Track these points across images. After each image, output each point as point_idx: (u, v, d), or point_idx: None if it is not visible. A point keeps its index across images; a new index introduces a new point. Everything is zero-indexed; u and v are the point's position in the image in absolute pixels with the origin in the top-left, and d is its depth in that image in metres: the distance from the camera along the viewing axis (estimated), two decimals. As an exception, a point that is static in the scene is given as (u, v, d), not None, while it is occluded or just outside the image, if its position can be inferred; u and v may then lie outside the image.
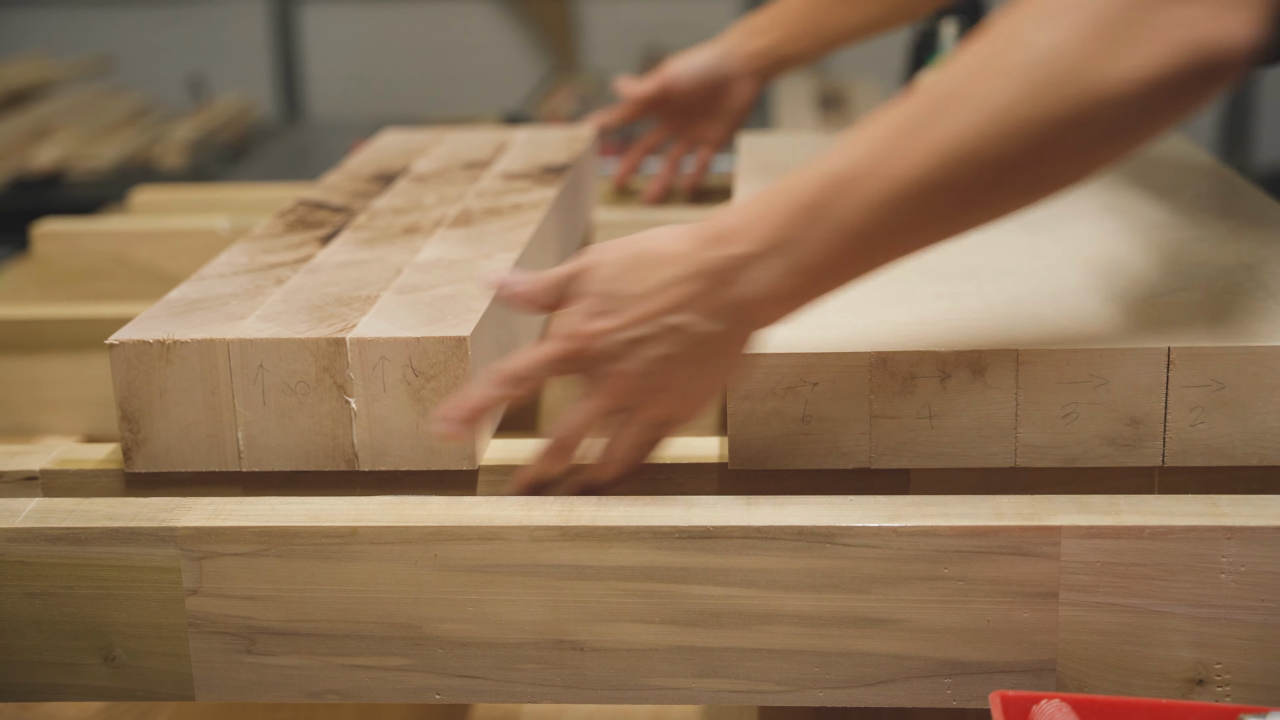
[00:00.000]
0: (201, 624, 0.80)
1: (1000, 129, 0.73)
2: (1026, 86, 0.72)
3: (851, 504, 0.79)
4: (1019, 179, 0.74)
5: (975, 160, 0.73)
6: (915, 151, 0.74)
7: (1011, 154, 0.73)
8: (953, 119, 0.73)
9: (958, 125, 0.73)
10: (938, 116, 0.74)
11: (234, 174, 2.64)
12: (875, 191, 0.74)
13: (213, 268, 1.00)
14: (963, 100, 0.73)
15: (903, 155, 0.74)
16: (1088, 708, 0.72)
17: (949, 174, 0.74)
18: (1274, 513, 0.76)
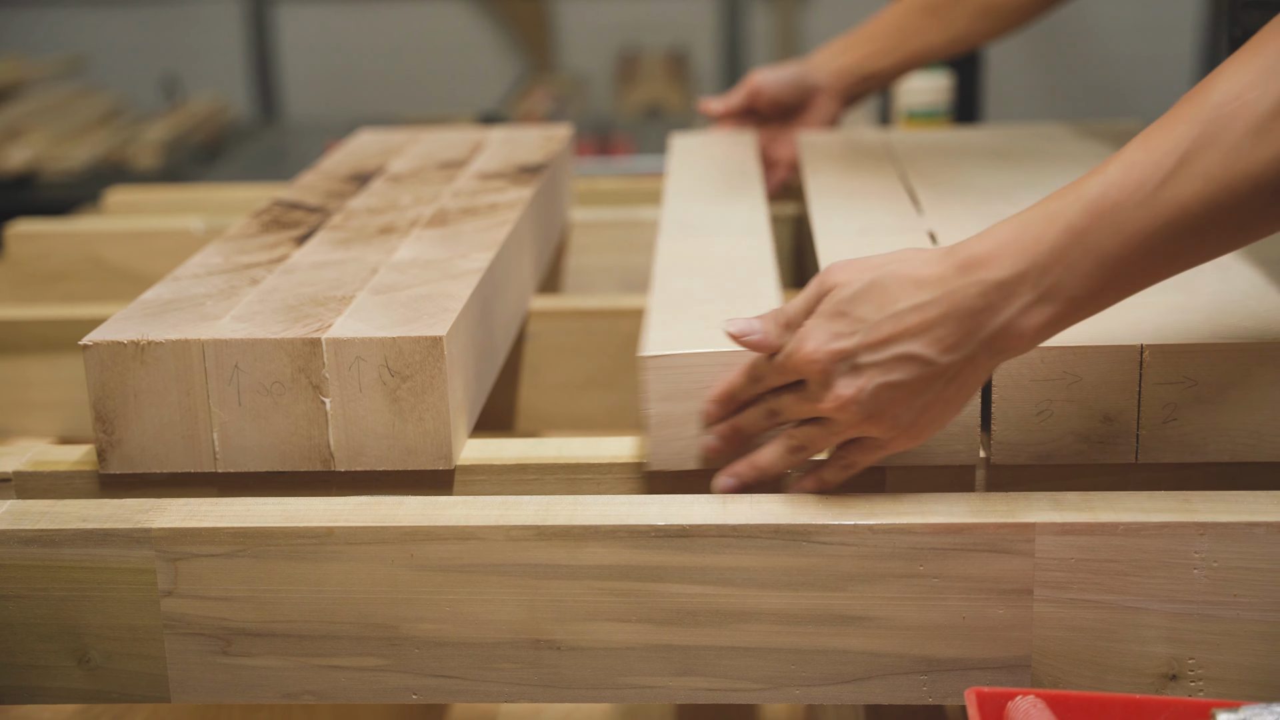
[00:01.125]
0: (177, 625, 0.80)
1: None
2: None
3: (827, 502, 0.79)
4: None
5: (1259, 188, 0.71)
6: (1194, 179, 0.71)
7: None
8: (1240, 146, 0.70)
9: (1245, 153, 0.70)
10: (1220, 141, 0.71)
11: (208, 174, 2.63)
12: (1145, 222, 0.72)
13: (187, 268, 1.00)
14: (1250, 126, 0.70)
15: (1179, 183, 0.71)
16: (1062, 704, 0.72)
17: (1230, 202, 0.71)
18: (1246, 509, 0.76)
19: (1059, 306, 0.74)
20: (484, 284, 0.95)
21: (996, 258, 0.73)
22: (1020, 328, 0.74)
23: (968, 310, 0.74)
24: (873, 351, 0.75)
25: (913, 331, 0.74)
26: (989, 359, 0.76)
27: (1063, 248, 0.73)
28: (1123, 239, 0.72)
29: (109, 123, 2.90)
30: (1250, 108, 0.70)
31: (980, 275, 0.74)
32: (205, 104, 3.07)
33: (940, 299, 0.74)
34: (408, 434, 0.85)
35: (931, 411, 0.77)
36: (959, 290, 0.74)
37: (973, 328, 0.74)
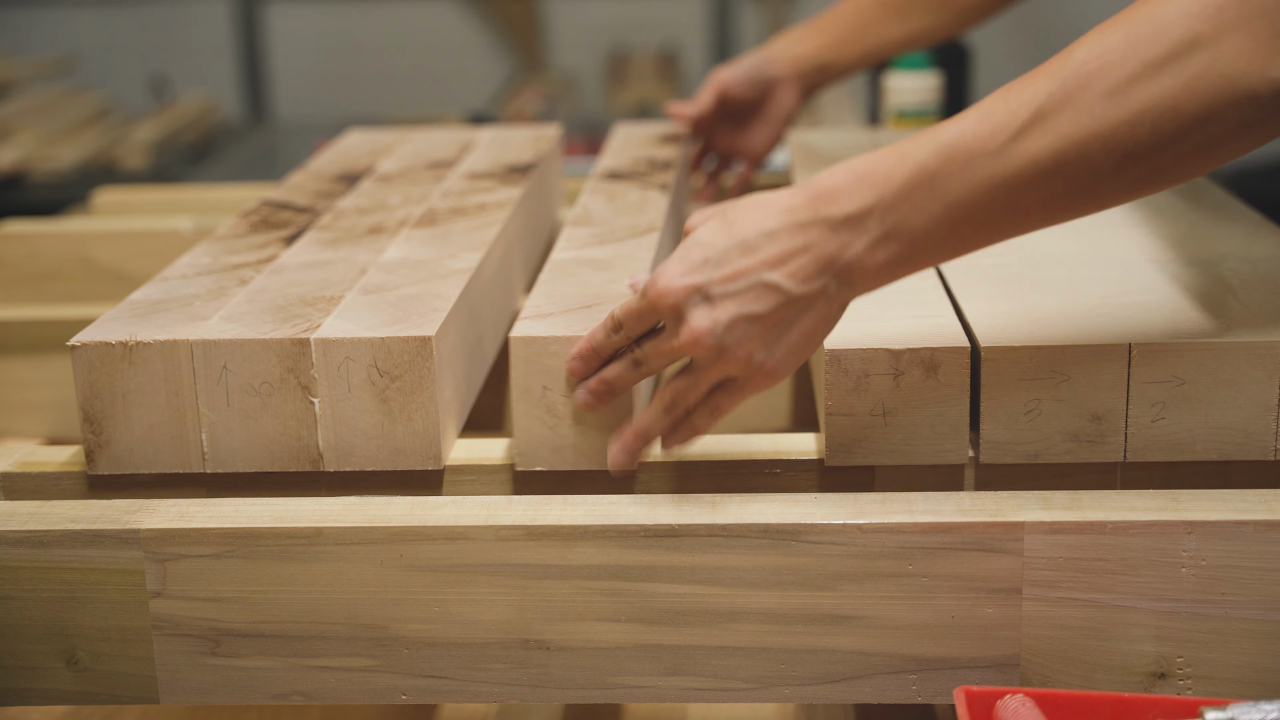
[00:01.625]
0: (165, 626, 0.80)
1: (1145, 120, 0.70)
2: (1183, 81, 0.70)
3: (816, 501, 0.79)
4: (1146, 167, 0.72)
5: (1108, 149, 0.71)
6: (1045, 133, 0.71)
7: (1144, 143, 0.71)
8: (1094, 107, 0.70)
9: (1098, 113, 0.70)
10: (1066, 97, 0.71)
11: (198, 174, 2.63)
12: (995, 170, 0.72)
13: (176, 268, 0.99)
14: (1106, 87, 0.71)
15: (1031, 136, 0.71)
16: (1051, 702, 0.72)
17: (1077, 160, 0.71)
18: (1234, 507, 0.77)
19: (904, 246, 0.74)
20: (473, 284, 0.95)
21: (846, 192, 0.74)
22: (866, 263, 0.74)
23: (817, 241, 0.74)
24: (726, 283, 0.75)
25: (767, 262, 0.75)
26: (839, 291, 0.76)
27: (911, 187, 0.73)
28: (971, 185, 0.72)
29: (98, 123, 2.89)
30: (1109, 69, 0.71)
31: (830, 209, 0.74)
32: (195, 104, 3.06)
33: (790, 228, 0.75)
34: (397, 434, 0.85)
35: (788, 345, 0.76)
36: (809, 222, 0.74)
37: (823, 259, 0.74)
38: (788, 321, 0.76)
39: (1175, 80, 0.70)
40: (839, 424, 0.84)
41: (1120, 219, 1.09)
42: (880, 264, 0.74)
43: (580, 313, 0.87)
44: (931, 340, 0.84)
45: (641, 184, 1.17)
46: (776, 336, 0.76)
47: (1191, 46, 0.70)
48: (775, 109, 1.40)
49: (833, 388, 0.84)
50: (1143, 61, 0.70)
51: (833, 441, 0.84)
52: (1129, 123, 0.70)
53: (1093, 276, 0.95)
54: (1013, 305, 0.90)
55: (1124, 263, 0.98)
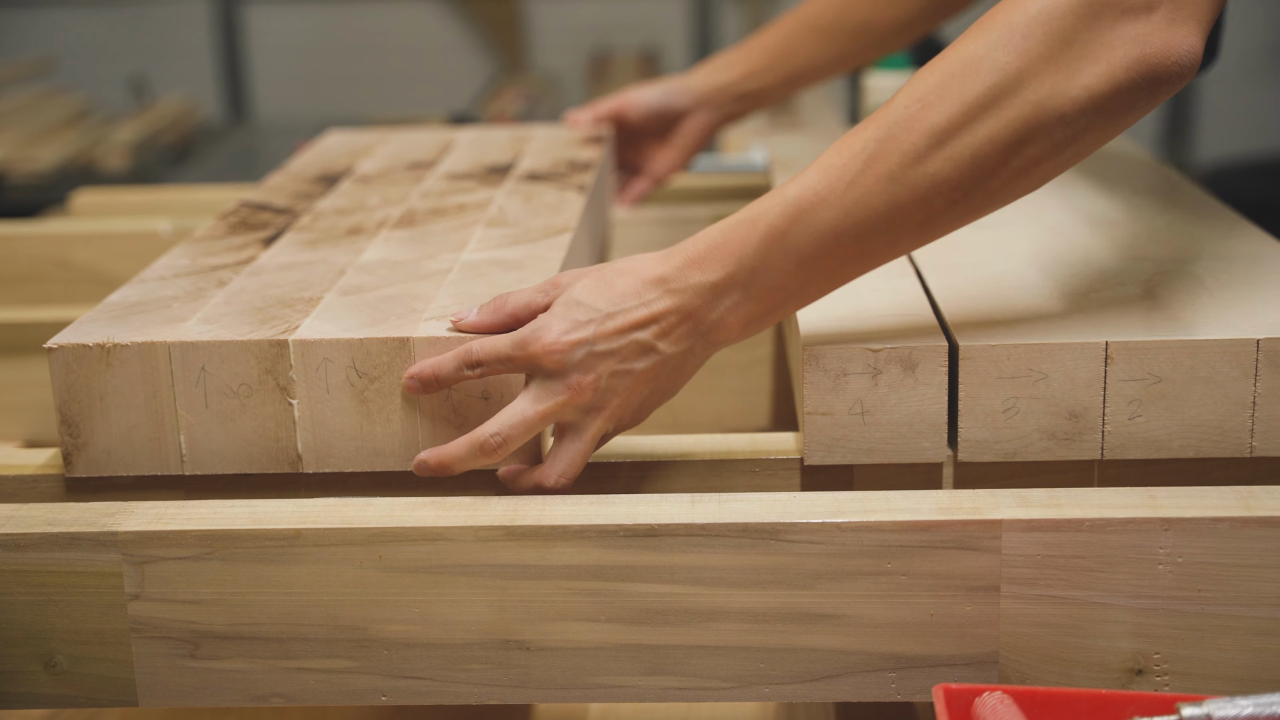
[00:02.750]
0: (144, 629, 0.79)
1: (960, 153, 0.76)
2: (995, 114, 0.75)
3: (795, 500, 0.79)
4: (975, 197, 0.78)
5: (937, 188, 0.77)
6: (878, 180, 0.77)
7: (969, 176, 0.77)
8: (919, 149, 0.76)
9: (924, 155, 0.76)
10: (894, 143, 0.76)
11: (178, 175, 2.62)
12: (838, 220, 0.78)
13: (154, 270, 0.99)
14: (920, 128, 0.76)
15: (865, 184, 0.77)
16: (1029, 699, 0.72)
17: (911, 202, 0.77)
18: (1210, 504, 0.77)
19: (762, 303, 0.80)
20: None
21: (709, 260, 0.80)
22: (728, 322, 0.81)
23: (687, 308, 0.80)
24: (607, 340, 0.80)
25: (642, 322, 0.80)
26: (704, 350, 0.82)
27: (765, 250, 0.79)
28: (819, 238, 0.78)
29: (77, 124, 2.88)
30: (928, 109, 0.76)
31: (695, 277, 0.80)
32: (174, 105, 3.05)
33: (664, 294, 0.80)
34: (376, 435, 0.85)
35: (653, 399, 0.83)
36: (678, 290, 0.80)
37: (690, 321, 0.81)
38: (657, 378, 0.82)
39: (990, 115, 0.76)
40: (818, 423, 0.84)
41: (1097, 218, 1.09)
42: (741, 322, 0.81)
43: None
44: (909, 339, 0.84)
45: (560, 185, 1.17)
46: (648, 392, 0.82)
47: (1000, 80, 0.76)
48: (681, 137, 1.41)
49: (811, 387, 0.84)
50: (960, 101, 0.76)
51: (812, 440, 0.85)
52: (953, 160, 0.76)
53: (1070, 275, 0.95)
54: (990, 304, 0.90)
55: (1101, 261, 0.98)
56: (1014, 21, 0.76)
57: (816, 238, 0.78)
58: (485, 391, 0.84)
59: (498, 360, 0.82)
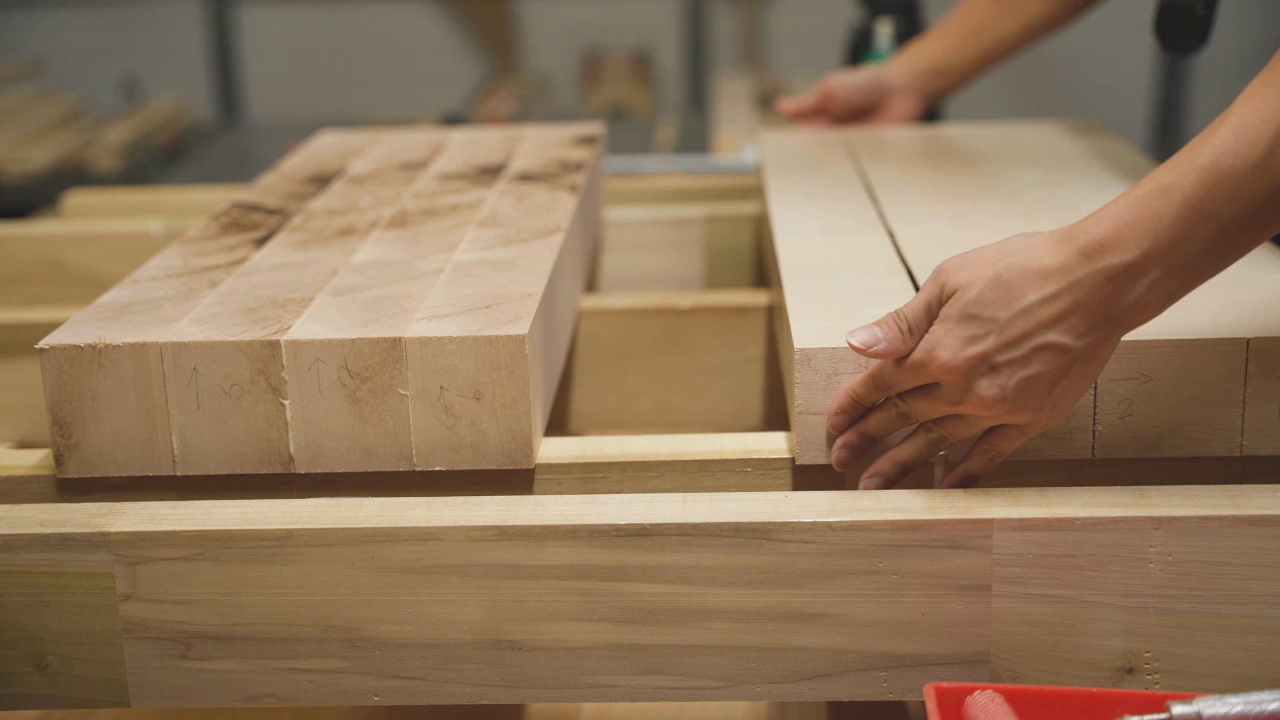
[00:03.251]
0: (136, 629, 0.79)
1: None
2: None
3: (787, 500, 0.79)
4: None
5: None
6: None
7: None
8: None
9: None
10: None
11: (169, 176, 2.61)
12: (1262, 184, 0.72)
13: (145, 271, 0.99)
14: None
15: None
16: (1020, 698, 0.73)
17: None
18: (1200, 503, 0.77)
19: (1182, 277, 0.74)
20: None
21: (1119, 241, 0.74)
22: (1149, 301, 0.75)
23: (1097, 297, 0.74)
24: (1009, 350, 0.76)
25: (1046, 324, 0.75)
26: (1119, 333, 0.77)
27: (1184, 220, 0.73)
28: (1242, 203, 0.73)
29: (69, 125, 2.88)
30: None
31: (1106, 261, 0.74)
32: (166, 106, 3.05)
33: (1068, 288, 0.74)
34: (368, 435, 0.85)
35: (1071, 390, 0.77)
36: (1086, 278, 0.74)
37: (1104, 311, 0.75)
38: (1068, 371, 0.77)
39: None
40: (809, 423, 0.84)
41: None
42: (1161, 299, 0.75)
43: (478, 313, 0.87)
44: None
45: (552, 186, 1.17)
46: (1063, 386, 0.77)
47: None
48: (891, 115, 1.46)
49: (803, 387, 0.84)
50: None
51: (804, 440, 0.85)
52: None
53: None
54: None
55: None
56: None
57: (1241, 202, 0.72)
58: (477, 391, 0.84)
59: (899, 378, 0.80)
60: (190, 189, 1.71)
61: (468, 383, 0.84)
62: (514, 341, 0.84)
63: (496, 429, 0.85)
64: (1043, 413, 0.78)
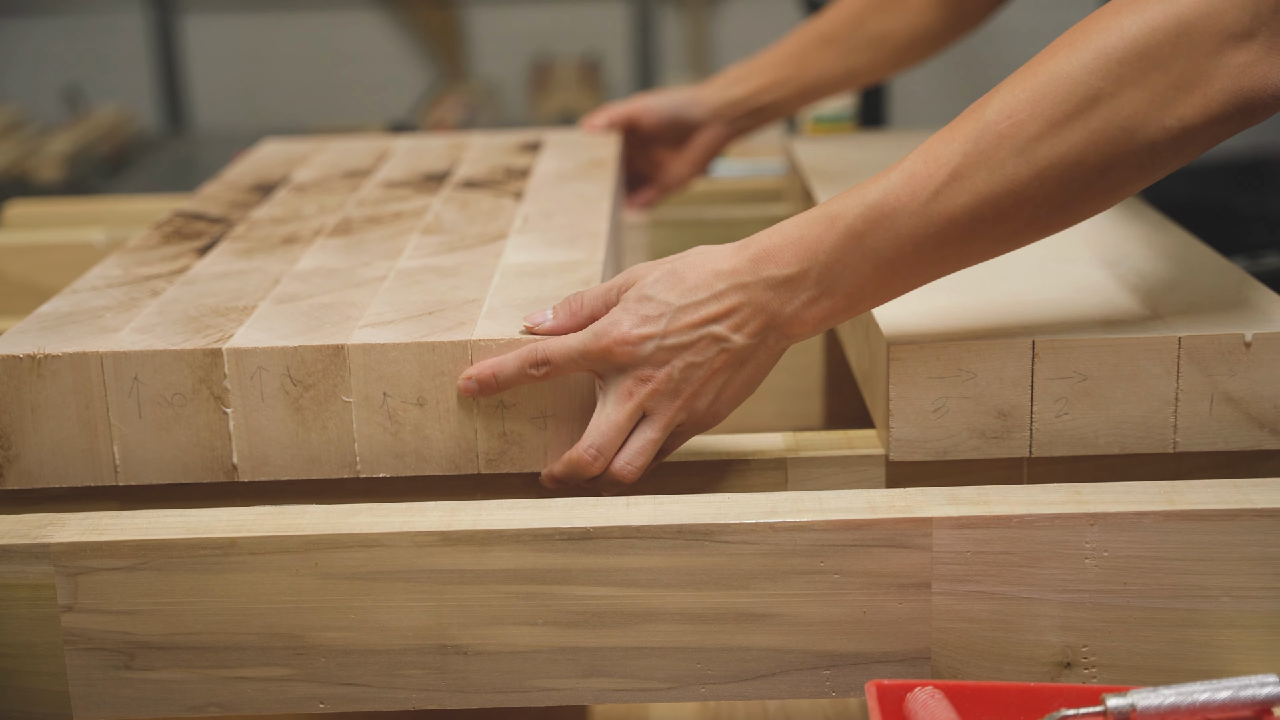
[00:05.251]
0: (78, 640, 0.79)
1: (1047, 173, 0.76)
2: (1086, 137, 0.75)
3: (729, 501, 0.80)
4: (1056, 215, 0.78)
5: (1019, 204, 0.77)
6: (962, 193, 0.77)
7: (1054, 195, 0.77)
8: (1005, 166, 0.76)
9: (1009, 172, 0.76)
10: (980, 158, 0.77)
11: (113, 186, 2.60)
12: (918, 228, 0.78)
13: (86, 281, 0.99)
14: (1015, 146, 0.76)
15: (949, 196, 0.77)
16: (960, 694, 0.74)
17: (993, 216, 0.77)
18: (1134, 499, 0.78)
19: (836, 300, 0.81)
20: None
21: (783, 254, 0.80)
22: (804, 317, 0.81)
23: (762, 302, 0.80)
24: (678, 335, 0.80)
25: (714, 316, 0.80)
26: (777, 343, 0.82)
27: (842, 248, 0.79)
28: (897, 243, 0.78)
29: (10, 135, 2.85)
30: (1019, 128, 0.76)
31: (769, 270, 0.80)
32: (110, 115, 3.02)
33: (735, 288, 0.80)
34: (311, 442, 0.85)
35: (729, 393, 0.83)
36: (751, 283, 0.80)
37: (764, 315, 0.81)
38: (731, 371, 0.82)
39: (1079, 136, 0.75)
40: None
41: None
42: (816, 318, 0.81)
43: (421, 319, 0.87)
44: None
45: (496, 192, 1.17)
46: (722, 384, 0.82)
47: (1093, 103, 0.75)
48: (694, 148, 1.41)
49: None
50: (1049, 120, 0.76)
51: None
52: (1038, 178, 0.76)
53: (997, 276, 0.97)
54: (920, 305, 0.91)
55: (1028, 262, 1.00)
56: (1109, 46, 0.75)
57: (895, 243, 0.78)
58: (420, 398, 0.84)
59: (568, 358, 0.82)
60: (133, 199, 1.70)
61: (411, 389, 0.84)
62: (457, 347, 0.84)
63: (440, 434, 0.85)
64: (699, 412, 0.82)
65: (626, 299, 0.82)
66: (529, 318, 0.86)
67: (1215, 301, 0.90)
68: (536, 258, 1.00)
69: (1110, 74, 0.75)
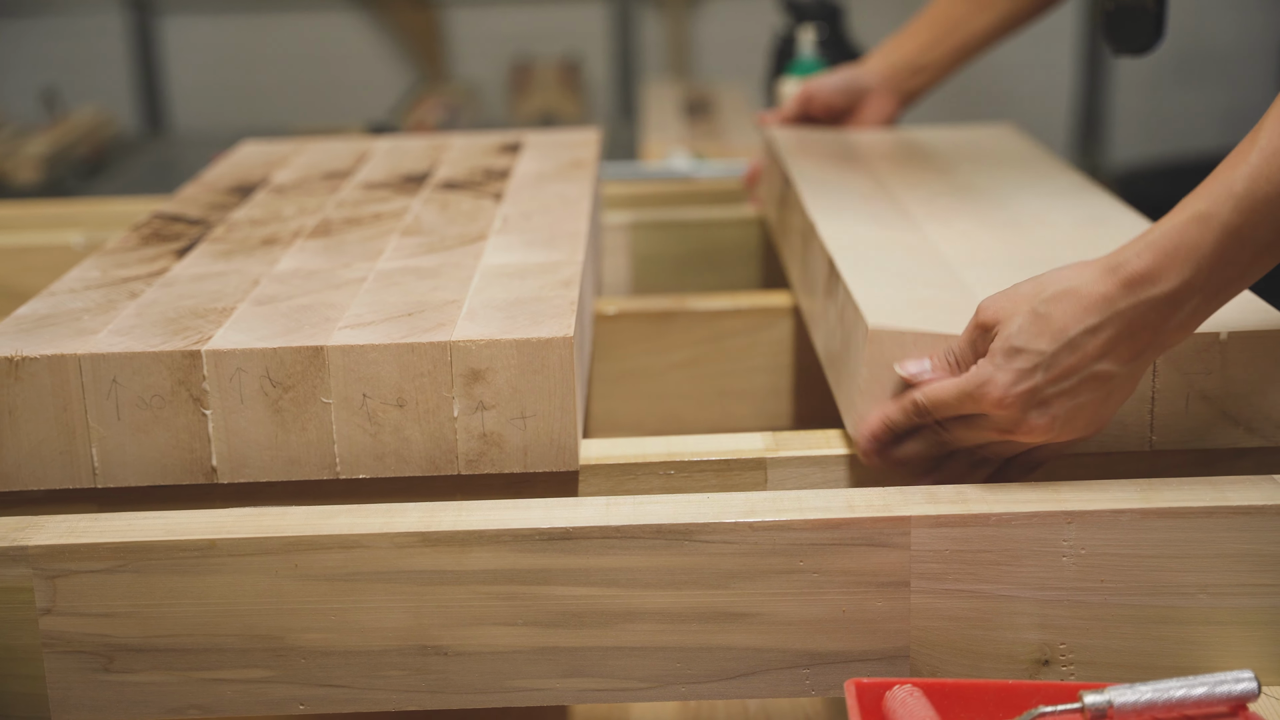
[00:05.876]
0: (56, 643, 0.79)
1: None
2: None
3: (708, 501, 0.80)
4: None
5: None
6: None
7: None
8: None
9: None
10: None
11: (92, 189, 2.59)
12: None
13: (64, 283, 0.98)
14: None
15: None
16: (938, 691, 0.74)
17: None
18: (1111, 497, 0.79)
19: (1220, 297, 0.77)
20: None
21: (1162, 272, 0.76)
22: (1188, 325, 0.78)
23: (1141, 325, 0.77)
24: (1058, 383, 0.78)
25: (1093, 356, 0.77)
26: (1158, 354, 0.79)
27: (1223, 248, 0.75)
28: (1276, 226, 0.75)
29: (-12, 137, 2.83)
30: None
31: (1149, 292, 0.76)
32: (88, 117, 3.01)
33: (1111, 319, 0.76)
34: (291, 444, 0.85)
35: (1111, 409, 0.80)
36: (1128, 310, 0.76)
37: (1148, 337, 0.77)
38: (1112, 394, 0.79)
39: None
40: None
41: (1005, 224, 1.11)
42: (1199, 322, 0.78)
43: (400, 321, 0.87)
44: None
45: (475, 193, 1.17)
46: (1107, 407, 0.80)
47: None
48: (869, 116, 1.45)
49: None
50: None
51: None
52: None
53: (974, 278, 0.97)
54: (899, 296, 0.92)
55: (1007, 262, 1.00)
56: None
57: (1275, 225, 0.74)
58: (400, 399, 0.84)
59: (944, 407, 0.81)
60: (112, 201, 1.69)
61: (390, 390, 0.84)
62: (436, 348, 0.84)
63: (420, 435, 0.85)
64: (1088, 431, 0.80)
65: (994, 352, 0.79)
66: (906, 367, 0.84)
67: (1191, 300, 0.91)
68: (516, 259, 1.00)
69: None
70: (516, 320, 0.87)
